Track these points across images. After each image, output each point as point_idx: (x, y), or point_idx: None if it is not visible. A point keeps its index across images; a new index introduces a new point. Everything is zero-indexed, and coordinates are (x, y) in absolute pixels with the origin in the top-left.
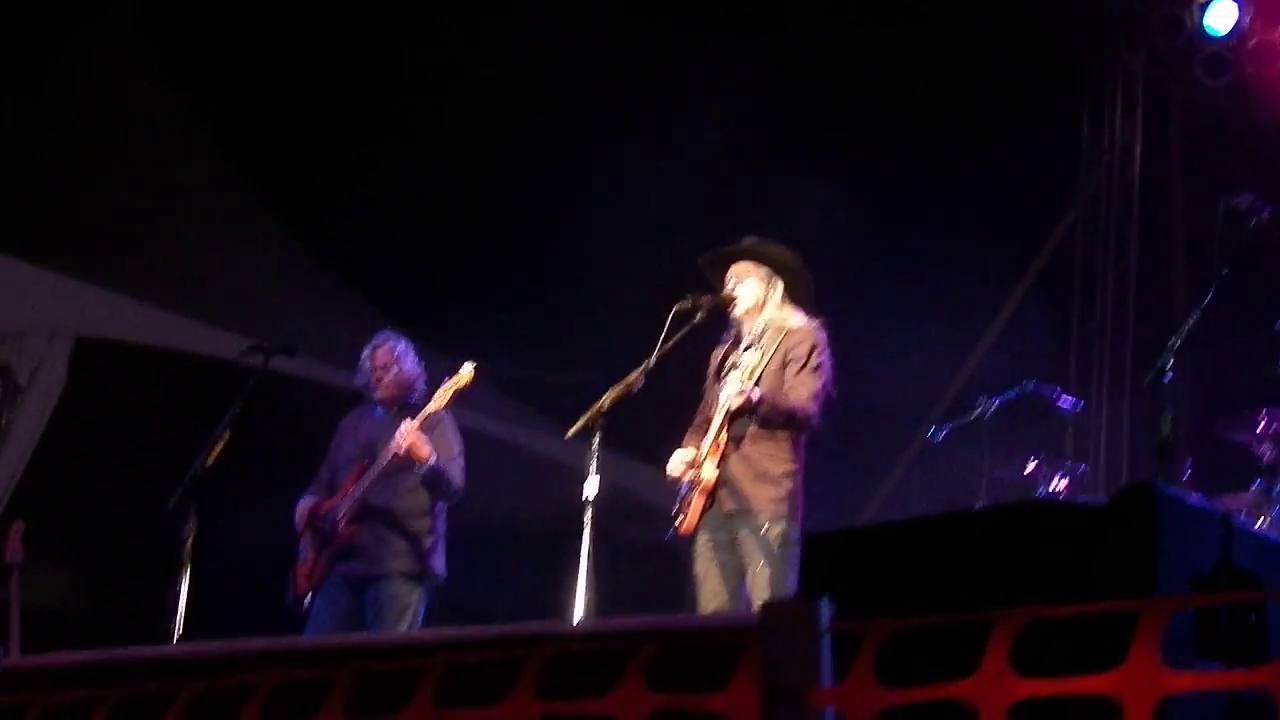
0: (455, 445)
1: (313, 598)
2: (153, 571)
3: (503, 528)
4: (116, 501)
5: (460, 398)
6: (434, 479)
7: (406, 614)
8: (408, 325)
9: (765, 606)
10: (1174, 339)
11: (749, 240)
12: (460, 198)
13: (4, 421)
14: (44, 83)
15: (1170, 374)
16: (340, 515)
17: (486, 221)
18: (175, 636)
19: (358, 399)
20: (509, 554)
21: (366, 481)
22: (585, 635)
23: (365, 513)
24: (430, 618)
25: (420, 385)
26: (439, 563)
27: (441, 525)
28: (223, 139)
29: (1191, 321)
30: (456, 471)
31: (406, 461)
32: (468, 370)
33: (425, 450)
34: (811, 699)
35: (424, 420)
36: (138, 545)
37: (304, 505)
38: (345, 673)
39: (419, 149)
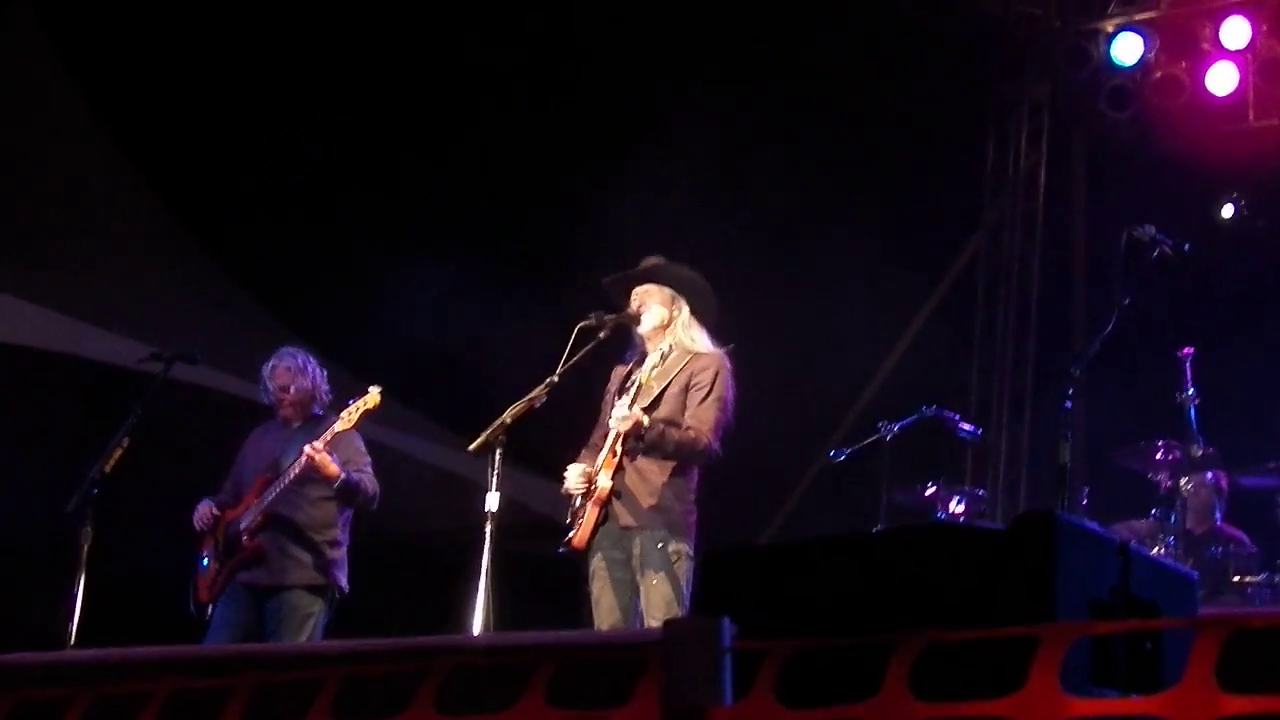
0: (363, 454)
1: (214, 607)
2: (48, 576)
3: (402, 540)
4: (12, 505)
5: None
6: (348, 492)
7: (307, 625)
8: (309, 334)
9: (667, 624)
10: (1074, 367)
11: (652, 260)
12: (361, 205)
13: None
14: None
15: (1069, 402)
16: (244, 526)
17: (388, 229)
18: (70, 642)
19: (259, 409)
20: (407, 566)
21: (271, 494)
22: (486, 649)
23: (269, 524)
24: (329, 629)
25: (324, 397)
26: (342, 575)
27: (345, 538)
28: (127, 144)
29: (1092, 350)
30: (369, 480)
31: (312, 475)
32: (374, 394)
33: (333, 468)
34: (712, 717)
35: (330, 440)
36: (34, 550)
37: (204, 505)
38: (243, 682)
39: (322, 156)
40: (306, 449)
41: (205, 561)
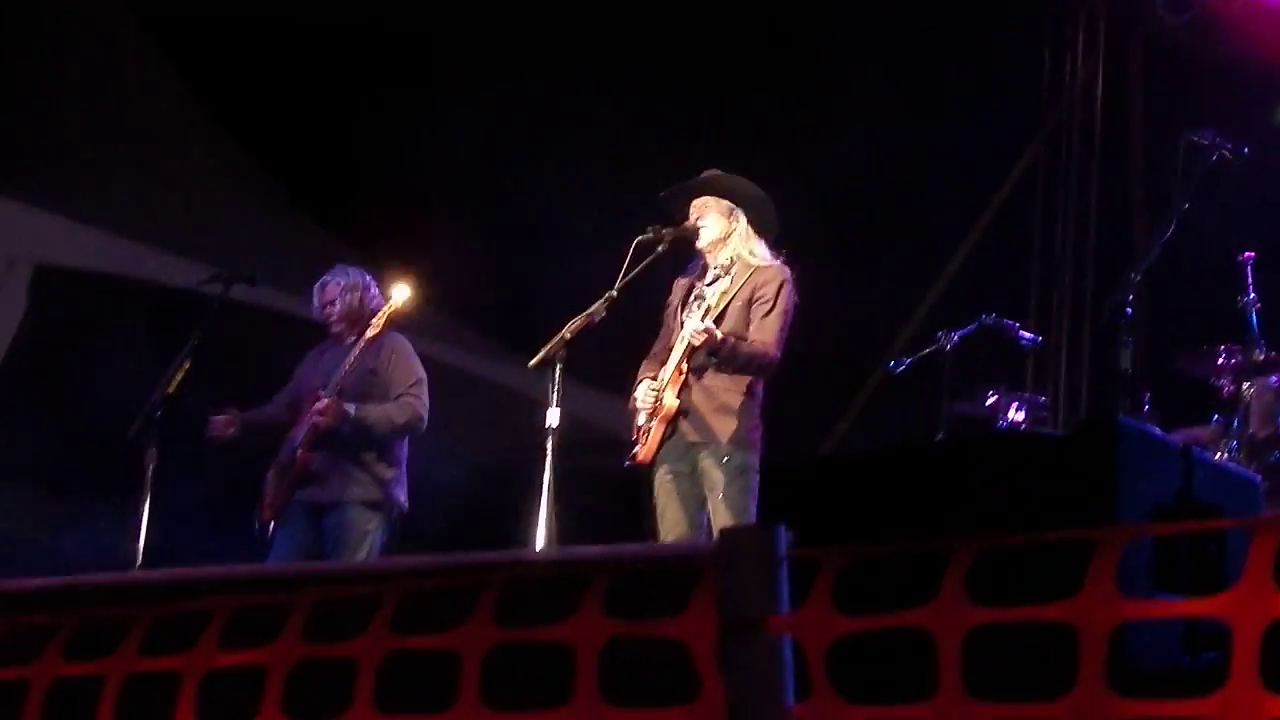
0: (414, 372)
1: (275, 527)
2: (113, 499)
3: (463, 458)
4: (77, 429)
5: (417, 326)
6: (362, 432)
7: (365, 542)
8: (368, 254)
9: (723, 533)
10: (1134, 273)
11: (710, 173)
12: (421, 125)
13: None
14: (5, 11)
15: (1130, 308)
16: (298, 443)
17: (448, 148)
18: (136, 563)
19: (318, 329)
20: (469, 484)
21: (315, 412)
22: (543, 563)
23: (322, 440)
24: (389, 548)
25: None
26: (400, 492)
27: (403, 454)
28: (185, 66)
29: (1151, 256)
30: (411, 406)
31: (363, 387)
32: (399, 297)
33: (334, 419)
34: (768, 626)
35: (368, 347)
36: (98, 473)
37: (219, 418)
38: (303, 599)
39: (378, 74)
40: (317, 410)
41: (267, 484)
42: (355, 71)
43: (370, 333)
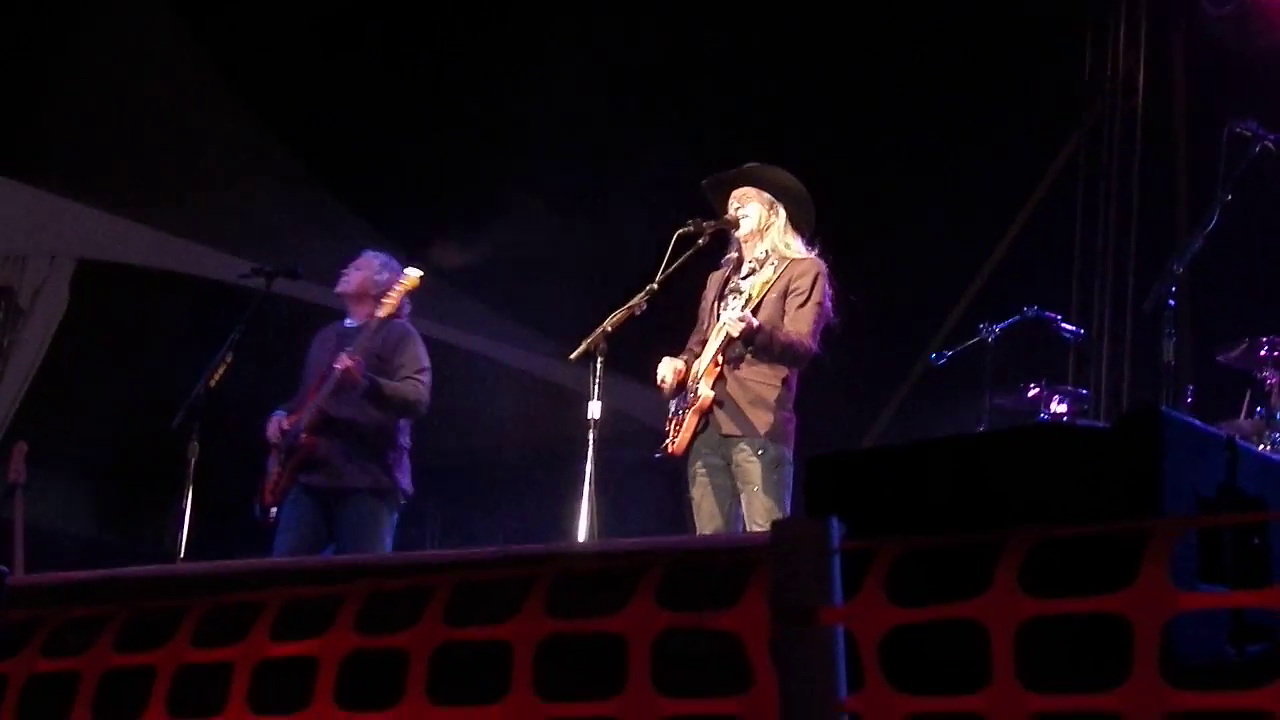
0: (421, 360)
1: (278, 510)
2: (156, 492)
3: (504, 450)
4: (119, 422)
5: (454, 317)
6: (377, 397)
7: (378, 531)
8: (408, 247)
9: (775, 525)
10: (1176, 265)
11: (752, 165)
12: (465, 123)
13: (6, 343)
14: (48, 6)
15: (1172, 300)
16: (303, 426)
17: (493, 147)
18: (178, 556)
19: None
20: (511, 477)
21: (325, 391)
22: (595, 555)
23: (325, 424)
24: (433, 539)
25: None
26: (405, 478)
27: (405, 440)
28: (226, 63)
29: (1194, 248)
30: (410, 388)
31: (370, 369)
32: (412, 275)
33: (357, 374)
34: (822, 617)
35: (378, 330)
36: (141, 466)
37: (275, 417)
38: (355, 590)
39: (420, 71)
40: (338, 364)
41: (270, 466)
42: (407, 71)
43: (381, 312)
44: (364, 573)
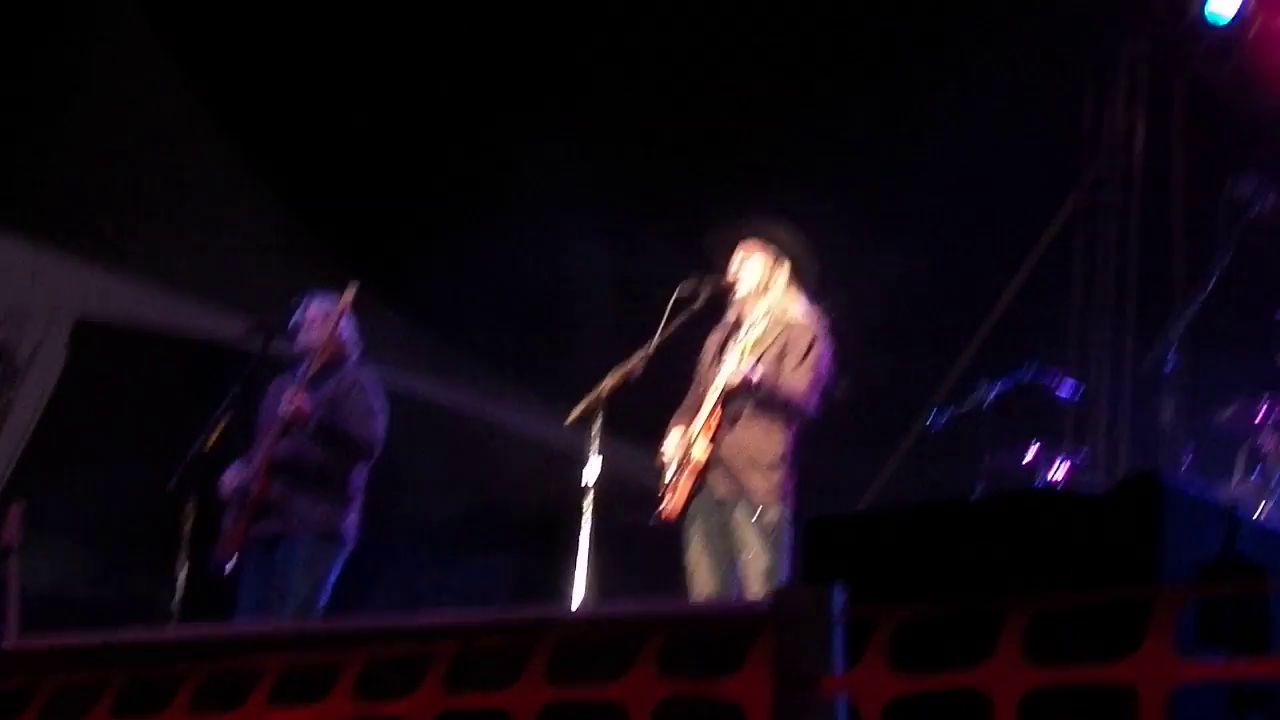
0: (373, 403)
1: (236, 565)
2: (152, 553)
3: (497, 513)
4: (116, 483)
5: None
6: (326, 435)
7: (314, 573)
8: (407, 306)
9: (778, 592)
10: (1175, 326)
11: (757, 220)
12: (463, 177)
13: (3, 402)
14: (47, 62)
15: (1171, 362)
16: (254, 475)
17: (493, 203)
18: (174, 618)
19: None
20: (504, 539)
21: (274, 436)
22: (595, 620)
23: (277, 469)
24: (427, 601)
25: (353, 352)
26: (351, 525)
27: (357, 484)
28: (223, 119)
29: (1192, 309)
30: (369, 429)
31: (298, 421)
32: (349, 292)
33: (306, 409)
34: (825, 685)
35: (330, 374)
36: (137, 526)
37: (229, 472)
38: (354, 657)
39: (420, 127)
40: (284, 404)
41: (225, 520)
42: (399, 125)
43: (318, 335)
44: (363, 638)
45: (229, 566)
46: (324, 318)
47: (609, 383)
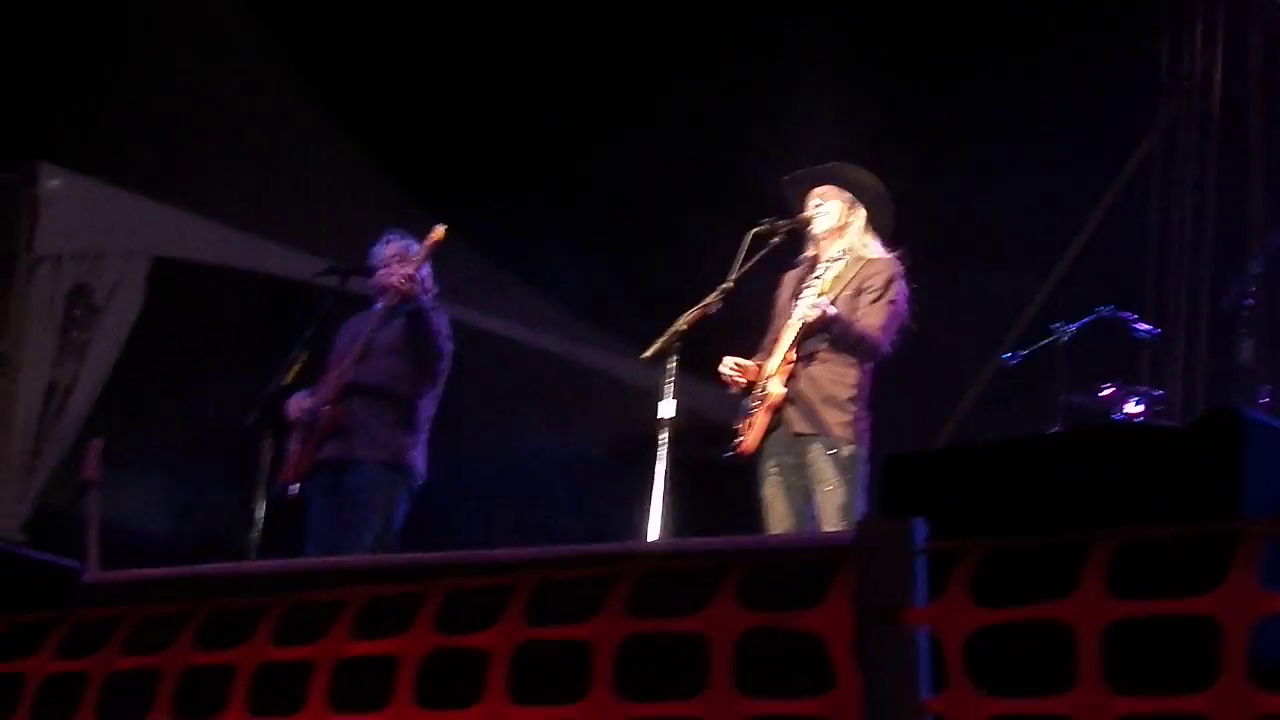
0: (443, 330)
1: (302, 490)
2: (231, 489)
3: (577, 448)
4: (194, 420)
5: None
6: (421, 319)
7: (384, 504)
8: (481, 246)
9: (860, 525)
10: (1253, 265)
11: (833, 163)
12: (537, 119)
13: (83, 341)
14: (124, 4)
15: (1249, 300)
16: (325, 399)
17: (563, 143)
18: (252, 554)
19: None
20: (585, 475)
21: (350, 360)
22: (676, 554)
23: (349, 393)
24: (503, 538)
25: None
26: (419, 459)
27: (426, 413)
28: (300, 59)
29: (1271, 247)
30: (438, 351)
31: (391, 342)
32: (439, 229)
33: (410, 286)
34: (906, 618)
35: (399, 293)
36: (215, 463)
37: (295, 398)
38: (435, 589)
39: (495, 67)
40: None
41: (291, 445)
42: (471, 67)
43: (417, 261)
44: (443, 571)
45: (293, 489)
46: (403, 255)
47: (686, 318)
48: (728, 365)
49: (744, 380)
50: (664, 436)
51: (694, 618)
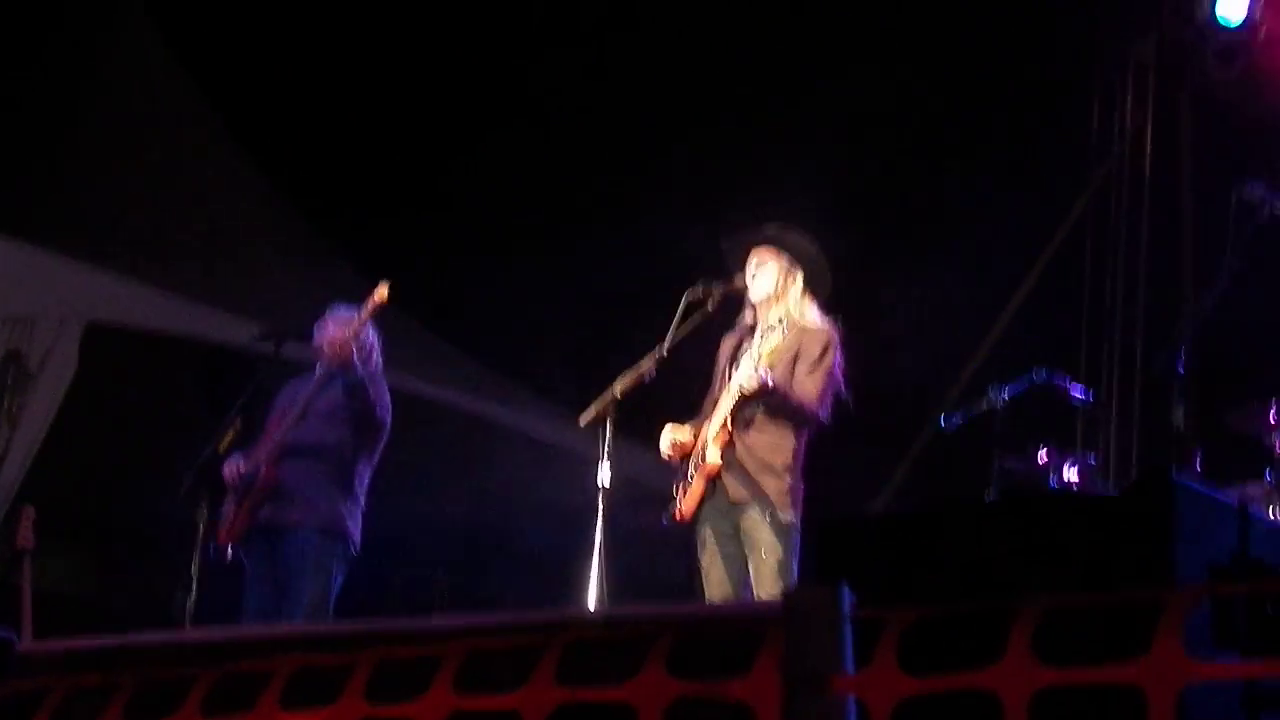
0: (383, 397)
1: (237, 553)
2: (164, 556)
3: (511, 516)
4: (128, 487)
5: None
6: (360, 390)
7: (322, 571)
8: (418, 311)
9: (787, 593)
10: (1184, 329)
11: (772, 226)
12: (469, 184)
13: (15, 407)
14: (57, 68)
15: (1181, 365)
16: (262, 460)
17: (494, 210)
18: (186, 621)
19: None
20: (520, 541)
21: (288, 422)
22: (606, 622)
23: (285, 454)
24: (442, 604)
25: (375, 357)
26: (355, 527)
27: (361, 488)
28: (235, 124)
29: (1202, 312)
30: (379, 417)
31: (330, 406)
32: (382, 289)
33: (348, 349)
34: (835, 685)
35: (355, 331)
36: (149, 530)
37: (231, 460)
38: (365, 658)
39: (432, 129)
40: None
41: (227, 506)
42: (408, 126)
43: (347, 331)
44: (375, 639)
45: (229, 552)
46: (346, 324)
47: (621, 385)
48: (665, 444)
49: (678, 453)
50: (601, 502)
51: (623, 686)
